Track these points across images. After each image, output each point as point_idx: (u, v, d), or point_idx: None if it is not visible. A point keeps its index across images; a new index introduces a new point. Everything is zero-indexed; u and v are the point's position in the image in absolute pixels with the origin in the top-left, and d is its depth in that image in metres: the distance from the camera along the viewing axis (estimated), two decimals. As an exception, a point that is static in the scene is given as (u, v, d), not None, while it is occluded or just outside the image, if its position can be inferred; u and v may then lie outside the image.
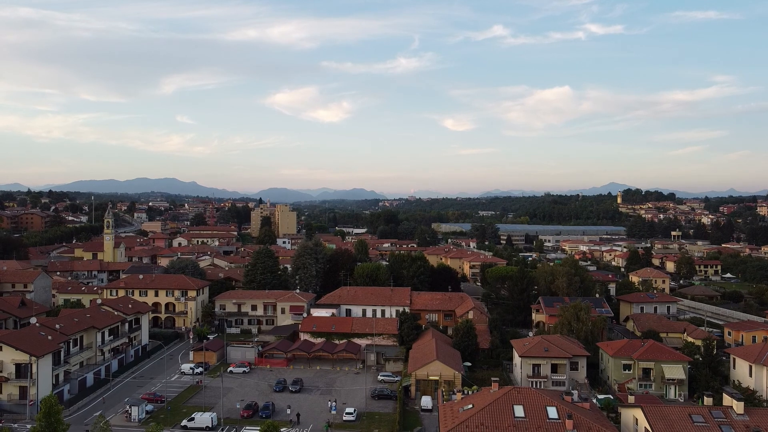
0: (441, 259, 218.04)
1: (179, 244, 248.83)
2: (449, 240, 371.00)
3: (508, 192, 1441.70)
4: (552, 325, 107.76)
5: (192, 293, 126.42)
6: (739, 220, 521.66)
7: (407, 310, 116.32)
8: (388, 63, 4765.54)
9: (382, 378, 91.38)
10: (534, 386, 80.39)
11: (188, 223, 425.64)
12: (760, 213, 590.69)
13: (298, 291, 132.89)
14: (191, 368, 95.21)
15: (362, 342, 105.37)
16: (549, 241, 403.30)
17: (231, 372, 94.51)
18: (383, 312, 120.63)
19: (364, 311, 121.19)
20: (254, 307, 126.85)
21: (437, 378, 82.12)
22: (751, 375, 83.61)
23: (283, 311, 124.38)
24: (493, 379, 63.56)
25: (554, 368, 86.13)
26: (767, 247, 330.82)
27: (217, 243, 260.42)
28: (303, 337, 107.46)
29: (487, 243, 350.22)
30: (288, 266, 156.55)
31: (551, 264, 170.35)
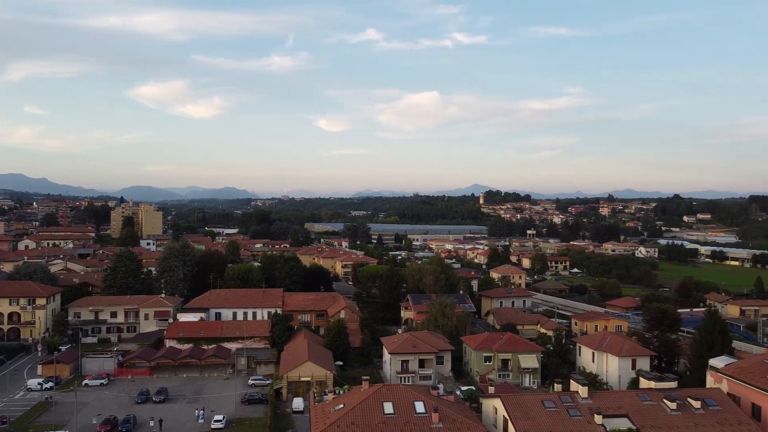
0: (314, 259, 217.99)
1: (26, 246, 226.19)
2: (322, 240, 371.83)
3: (380, 192, 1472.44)
4: (420, 321, 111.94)
5: (41, 301, 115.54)
6: (585, 220, 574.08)
7: (279, 311, 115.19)
8: (262, 60, 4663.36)
9: (253, 382, 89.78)
10: (403, 382, 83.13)
11: (37, 223, 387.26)
12: (602, 213, 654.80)
13: (163, 295, 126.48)
14: (39, 383, 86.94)
15: (233, 346, 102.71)
16: (417, 240, 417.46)
17: (87, 385, 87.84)
18: (255, 314, 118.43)
19: (234, 314, 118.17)
20: (114, 314, 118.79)
21: (309, 379, 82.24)
22: (593, 361, 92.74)
23: (146, 317, 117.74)
24: (363, 377, 64.89)
25: (422, 363, 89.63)
26: (608, 244, 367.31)
27: (71, 245, 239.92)
28: (169, 343, 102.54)
29: (359, 242, 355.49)
30: (153, 269, 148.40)
31: (419, 262, 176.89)
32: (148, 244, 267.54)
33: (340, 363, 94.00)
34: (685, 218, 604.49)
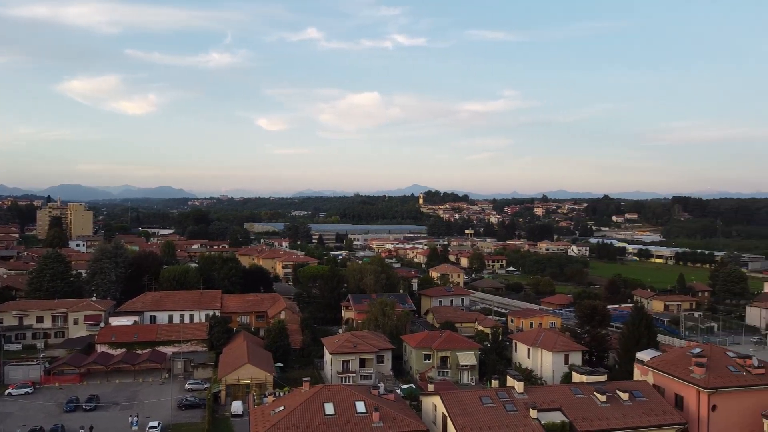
0: (254, 259, 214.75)
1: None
2: (262, 240, 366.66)
3: (321, 192, 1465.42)
4: (361, 321, 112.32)
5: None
6: (521, 220, 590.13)
7: (218, 313, 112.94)
8: (199, 56, 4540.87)
9: (190, 386, 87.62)
10: (344, 382, 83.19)
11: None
12: (537, 213, 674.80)
13: (94, 299, 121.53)
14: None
15: (169, 350, 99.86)
16: (358, 240, 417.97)
17: (10, 394, 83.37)
18: (192, 317, 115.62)
19: (171, 317, 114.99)
20: (40, 319, 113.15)
21: (249, 381, 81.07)
22: (529, 357, 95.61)
23: (76, 322, 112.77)
24: (304, 378, 64.54)
25: (362, 363, 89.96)
26: (542, 243, 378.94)
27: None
28: (100, 349, 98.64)
29: (299, 243, 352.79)
30: (83, 271, 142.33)
31: (360, 262, 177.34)
32: (78, 245, 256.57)
33: (281, 364, 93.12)
34: (614, 218, 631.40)
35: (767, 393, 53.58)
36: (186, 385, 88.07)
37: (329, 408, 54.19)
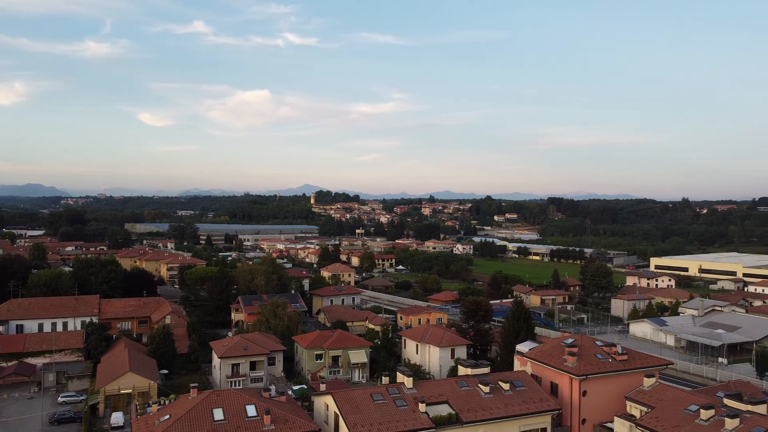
0: (136, 262, 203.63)
1: None
2: (145, 241, 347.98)
3: (209, 191, 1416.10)
4: (251, 323, 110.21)
5: None
6: (409, 219, 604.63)
7: (95, 320, 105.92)
8: (74, 45, 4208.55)
9: (64, 399, 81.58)
10: (234, 386, 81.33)
11: None
12: (425, 213, 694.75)
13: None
14: None
15: (39, 361, 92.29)
16: (248, 240, 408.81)
17: None
18: (66, 325, 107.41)
19: (41, 326, 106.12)
20: None
21: (131, 391, 76.92)
22: (417, 353, 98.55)
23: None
24: (191, 384, 62.35)
25: (253, 365, 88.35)
26: (430, 242, 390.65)
27: None
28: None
29: (186, 243, 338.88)
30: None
31: (251, 263, 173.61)
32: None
33: (166, 371, 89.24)
34: (496, 218, 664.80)
35: (629, 377, 59.13)
36: (59, 399, 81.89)
37: (218, 414, 52.86)
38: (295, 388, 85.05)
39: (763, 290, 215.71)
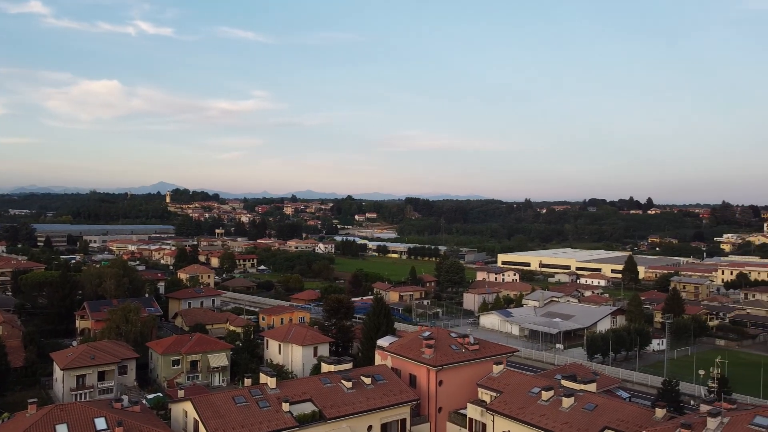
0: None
1: None
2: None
3: (48, 188, 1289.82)
4: (100, 330, 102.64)
5: None
6: (271, 219, 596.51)
7: None
8: None
9: None
10: (80, 399, 75.37)
11: None
12: (287, 213, 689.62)
13: None
14: None
15: None
16: (95, 241, 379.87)
17: None
18: None
19: None
20: None
21: (-47, 412, 68.34)
22: (280, 352, 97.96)
23: None
24: (29, 401, 56.90)
25: (102, 376, 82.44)
26: (292, 241, 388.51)
27: None
28: None
29: (20, 246, 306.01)
30: None
31: (98, 266, 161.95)
32: None
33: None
34: (356, 217, 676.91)
35: (481, 365, 63.53)
36: None
37: (62, 430, 48.92)
38: (150, 396, 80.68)
39: (592, 282, 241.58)
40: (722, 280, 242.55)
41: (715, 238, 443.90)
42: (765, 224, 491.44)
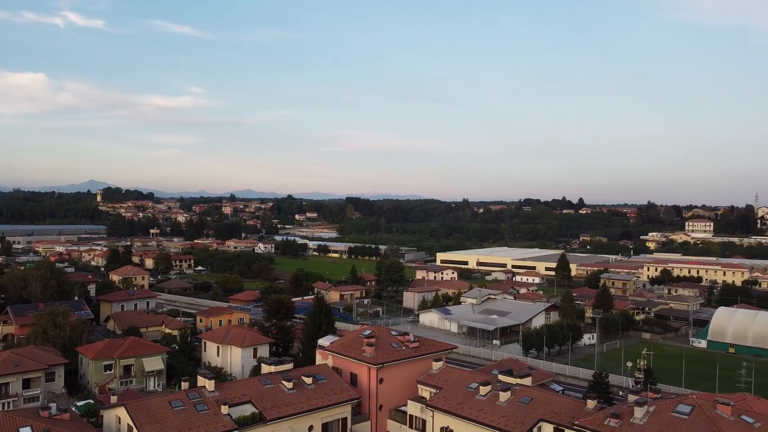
0: None
1: None
2: None
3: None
4: (25, 335, 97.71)
5: None
6: (209, 218, 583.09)
7: None
8: None
9: None
10: (3, 409, 71.57)
11: None
12: (225, 212, 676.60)
13: None
14: None
15: None
16: (19, 242, 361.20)
17: None
18: None
19: None
20: None
21: None
22: (219, 355, 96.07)
23: None
24: (-52, 411, 53.82)
25: (27, 383, 78.53)
26: (231, 241, 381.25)
27: None
28: None
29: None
30: None
31: (23, 268, 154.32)
32: None
33: None
34: (297, 217, 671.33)
35: (421, 362, 64.46)
36: None
37: (-15, 440, 46.45)
38: (80, 403, 77.47)
39: (527, 279, 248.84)
40: (648, 276, 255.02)
41: (641, 237, 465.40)
42: (686, 223, 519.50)
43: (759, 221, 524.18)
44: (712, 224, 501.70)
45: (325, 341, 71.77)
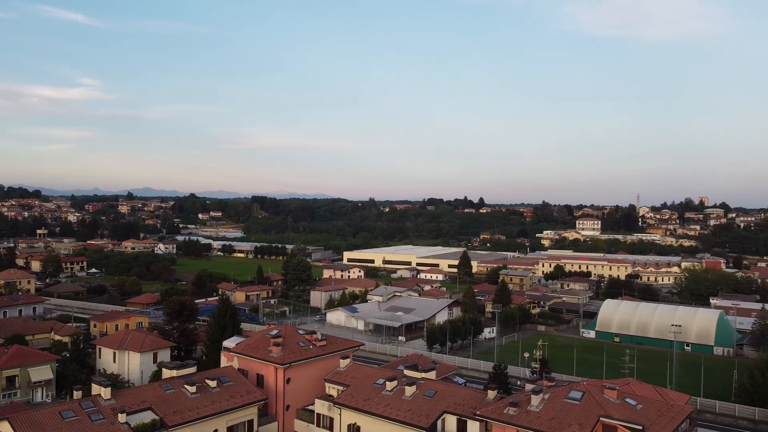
0: None
1: None
2: None
3: None
4: None
5: None
6: (104, 218, 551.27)
7: None
8: None
9: None
10: None
11: None
12: (122, 211, 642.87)
13: None
14: None
15: None
16: None
17: None
18: None
19: None
20: None
21: None
22: (115, 361, 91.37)
23: None
24: None
25: None
26: (128, 242, 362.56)
27: None
28: None
29: None
30: None
31: None
32: None
33: None
34: (200, 216, 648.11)
35: (328, 360, 64.68)
36: None
37: None
38: (-44, 419, 71.16)
39: (431, 276, 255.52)
40: (543, 272, 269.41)
41: (537, 235, 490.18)
42: (577, 222, 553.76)
43: (640, 219, 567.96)
44: (599, 222, 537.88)
45: (230, 343, 70.30)
